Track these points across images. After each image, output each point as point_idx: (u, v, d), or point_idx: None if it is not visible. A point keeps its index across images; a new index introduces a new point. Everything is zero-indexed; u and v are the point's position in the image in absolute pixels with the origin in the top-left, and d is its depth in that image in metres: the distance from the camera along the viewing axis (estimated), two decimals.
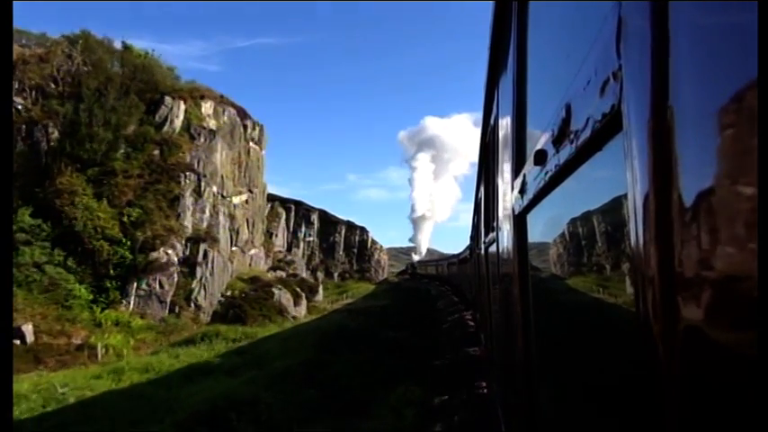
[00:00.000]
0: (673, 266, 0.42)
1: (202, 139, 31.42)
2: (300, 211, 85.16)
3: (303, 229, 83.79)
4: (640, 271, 0.50)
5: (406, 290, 51.35)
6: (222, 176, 32.40)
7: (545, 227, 1.22)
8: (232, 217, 33.51)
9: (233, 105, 34.33)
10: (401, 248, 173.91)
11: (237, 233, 34.06)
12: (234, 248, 33.76)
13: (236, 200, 33.18)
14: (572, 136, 0.78)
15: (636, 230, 0.51)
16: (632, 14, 0.53)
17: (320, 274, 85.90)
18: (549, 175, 0.96)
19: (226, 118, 33.66)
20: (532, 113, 1.43)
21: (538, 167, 1.05)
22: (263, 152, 40.62)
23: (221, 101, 33.70)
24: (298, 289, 34.30)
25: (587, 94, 0.69)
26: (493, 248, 2.93)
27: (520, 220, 1.49)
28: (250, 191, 36.68)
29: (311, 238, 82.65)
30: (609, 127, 0.63)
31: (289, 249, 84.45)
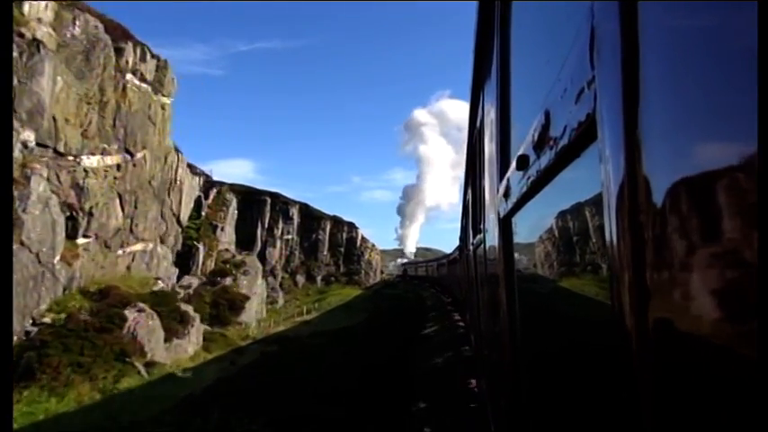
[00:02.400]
0: (646, 267, 0.45)
1: (15, 55, 13.48)
2: (277, 205, 67.97)
3: (280, 224, 66.04)
4: (615, 269, 0.54)
5: (393, 297, 39.95)
6: (55, 120, 14.36)
7: (529, 229, 1.29)
8: (80, 188, 15.27)
9: (98, 16, 17.61)
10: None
11: (90, 215, 15.97)
12: (83, 241, 15.46)
13: (89, 162, 16.19)
14: (551, 142, 0.84)
15: (610, 233, 0.55)
16: (603, 25, 0.57)
17: (300, 278, 67.63)
18: (530, 179, 1.03)
19: (78, 31, 16.50)
20: (516, 117, 1.48)
21: (520, 172, 1.12)
22: (168, 100, 24.51)
23: (72, 3, 16.70)
24: (191, 310, 16.35)
25: (564, 102, 0.76)
26: (480, 250, 2.98)
27: (505, 223, 1.53)
28: (128, 152, 20.08)
29: (290, 236, 65.04)
30: (585, 135, 0.68)
31: (263, 249, 66.57)
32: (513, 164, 1.18)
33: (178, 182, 40.79)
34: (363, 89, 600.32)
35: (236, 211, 48.33)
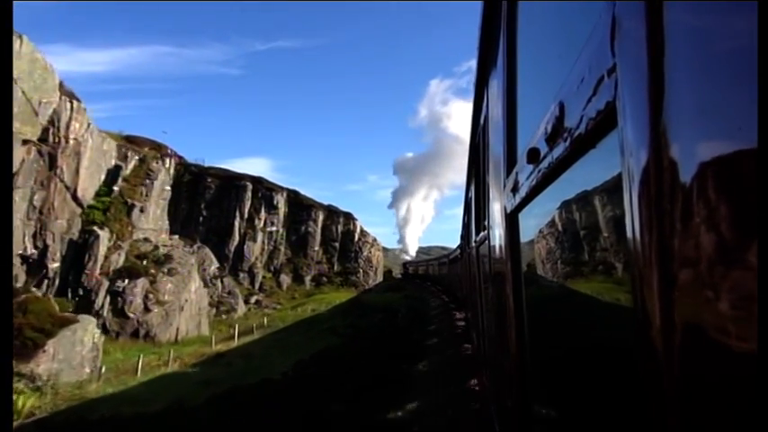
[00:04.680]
0: (667, 264, 0.43)
1: None
2: (260, 191, 53.13)
3: (263, 214, 51.83)
4: (635, 269, 0.51)
5: (383, 308, 25.67)
6: None
7: (537, 225, 1.24)
8: None
9: None
10: (421, 248, 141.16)
11: None
12: None
13: None
14: (566, 133, 0.81)
15: (631, 228, 0.52)
16: (626, 13, 0.56)
17: (285, 278, 53.12)
18: (541, 172, 0.99)
19: None
20: (523, 112, 1.42)
21: (530, 165, 1.07)
22: None
23: None
24: None
25: (581, 91, 0.73)
26: (484, 247, 2.87)
27: (512, 219, 1.47)
28: None
29: (274, 228, 50.51)
30: (603, 124, 0.66)
31: (241, 243, 53.17)
32: (523, 157, 1.15)
33: (70, 141, 27.97)
34: (379, 87, 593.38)
35: (167, 188, 35.26)
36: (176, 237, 39.21)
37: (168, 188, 35.23)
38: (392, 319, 22.99)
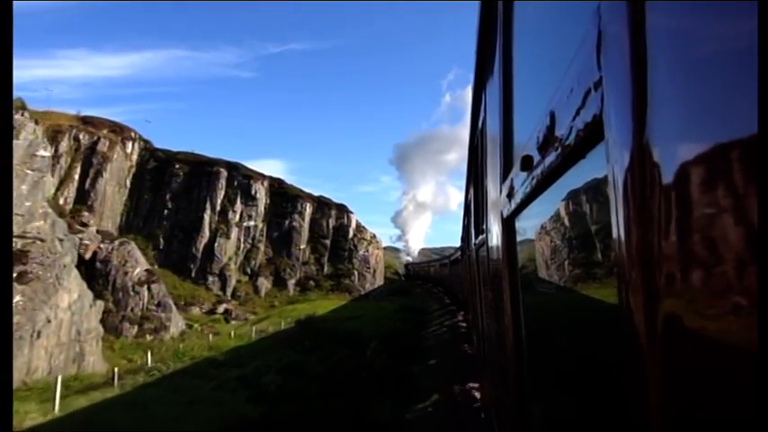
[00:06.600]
0: (653, 268, 0.44)
1: None
2: (236, 179, 41.19)
3: (239, 206, 39.75)
4: (623, 272, 0.53)
5: (352, 337, 17.43)
6: None
7: (532, 230, 1.26)
8: None
9: None
10: (434, 249, 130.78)
11: None
12: None
13: None
14: (556, 143, 0.82)
15: (618, 235, 0.54)
16: (611, 26, 0.56)
17: (264, 282, 40.22)
18: (535, 180, 1.00)
19: None
20: (519, 118, 1.42)
21: (524, 173, 1.09)
22: None
23: None
24: None
25: (570, 102, 0.74)
26: (483, 250, 2.82)
27: (508, 224, 1.47)
28: None
29: (252, 222, 38.22)
30: (591, 136, 0.67)
31: (212, 240, 41.07)
32: (517, 165, 1.15)
33: None
34: (390, 87, 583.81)
35: (44, 153, 23.49)
36: (93, 229, 28.77)
37: (46, 154, 24.31)
38: (361, 355, 13.24)
